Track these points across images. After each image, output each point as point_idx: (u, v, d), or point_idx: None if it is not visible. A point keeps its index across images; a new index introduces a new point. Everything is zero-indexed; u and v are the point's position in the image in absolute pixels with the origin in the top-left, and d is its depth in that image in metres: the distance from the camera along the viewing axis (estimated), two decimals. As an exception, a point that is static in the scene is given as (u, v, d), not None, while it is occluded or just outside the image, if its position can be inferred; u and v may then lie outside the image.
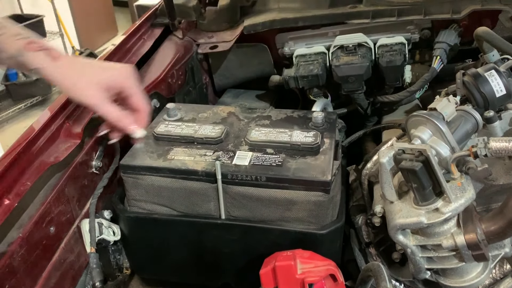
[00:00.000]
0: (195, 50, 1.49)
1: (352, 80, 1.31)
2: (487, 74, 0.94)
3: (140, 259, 1.12)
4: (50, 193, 0.94)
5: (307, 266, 0.82)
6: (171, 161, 0.99)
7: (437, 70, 1.26)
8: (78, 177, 1.02)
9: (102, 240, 1.03)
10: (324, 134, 1.05)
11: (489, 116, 0.90)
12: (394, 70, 1.28)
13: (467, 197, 0.84)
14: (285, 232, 0.96)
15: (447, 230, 0.86)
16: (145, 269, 1.14)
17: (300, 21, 1.40)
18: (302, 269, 0.81)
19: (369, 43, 1.32)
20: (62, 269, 0.97)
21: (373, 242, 1.06)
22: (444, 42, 1.28)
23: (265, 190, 0.95)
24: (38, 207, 0.91)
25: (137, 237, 1.07)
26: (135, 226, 1.05)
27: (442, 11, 1.29)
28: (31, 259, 0.88)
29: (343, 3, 1.41)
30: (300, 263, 0.82)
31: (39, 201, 0.91)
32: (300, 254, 0.84)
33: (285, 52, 1.45)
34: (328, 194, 0.93)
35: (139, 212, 1.04)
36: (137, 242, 1.08)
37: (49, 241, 0.94)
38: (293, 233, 0.96)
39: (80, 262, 1.04)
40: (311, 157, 0.98)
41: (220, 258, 1.04)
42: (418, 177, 0.83)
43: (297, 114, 1.15)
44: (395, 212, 0.90)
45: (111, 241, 1.04)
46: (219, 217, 1.00)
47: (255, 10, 1.54)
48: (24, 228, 0.86)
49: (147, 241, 1.06)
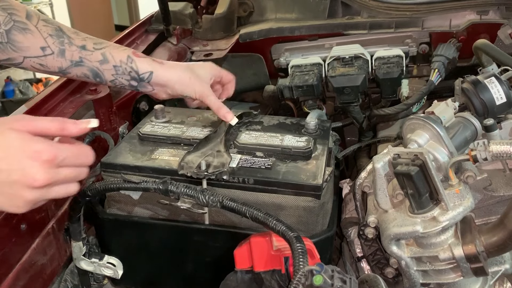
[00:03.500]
0: (189, 57, 1.46)
1: (348, 92, 1.28)
2: (487, 81, 0.91)
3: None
4: (23, 188, 0.88)
5: (283, 243, 0.78)
6: (155, 161, 0.94)
7: (435, 83, 1.23)
8: (56, 175, 0.97)
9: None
10: (317, 140, 1.01)
11: (488, 124, 0.86)
12: (391, 82, 1.26)
13: (466, 205, 0.79)
14: (272, 239, 0.90)
15: (444, 241, 0.81)
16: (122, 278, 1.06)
17: (296, 31, 1.38)
18: (278, 246, 0.79)
19: (366, 55, 1.30)
20: (32, 272, 0.91)
21: (365, 256, 1.00)
22: (442, 56, 1.26)
23: (252, 194, 0.90)
24: (9, 201, 0.85)
25: (115, 241, 1.01)
26: (114, 230, 0.99)
27: (440, 24, 1.27)
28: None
29: (341, 15, 1.40)
30: (276, 241, 0.79)
31: (11, 196, 0.86)
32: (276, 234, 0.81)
33: (281, 63, 1.43)
34: (318, 199, 0.88)
35: (118, 214, 0.98)
36: (115, 247, 1.01)
37: (19, 239, 0.87)
38: (280, 241, 0.90)
39: (53, 266, 0.97)
40: (302, 162, 0.94)
41: (202, 266, 0.98)
42: (414, 182, 0.79)
43: (290, 121, 1.11)
44: (389, 221, 0.86)
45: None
46: (202, 222, 0.95)
47: (252, 20, 1.53)
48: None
49: (126, 246, 1.00)
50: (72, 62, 0.91)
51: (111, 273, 0.99)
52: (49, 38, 0.89)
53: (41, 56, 0.89)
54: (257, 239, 0.81)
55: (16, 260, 0.87)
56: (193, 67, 1.00)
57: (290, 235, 0.74)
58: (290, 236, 0.74)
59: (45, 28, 0.88)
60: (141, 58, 0.95)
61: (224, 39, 1.50)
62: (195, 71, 0.99)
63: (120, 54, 0.93)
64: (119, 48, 0.94)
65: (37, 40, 0.88)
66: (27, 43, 0.88)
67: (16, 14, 0.87)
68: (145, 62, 0.95)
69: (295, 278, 0.66)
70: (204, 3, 1.66)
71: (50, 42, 0.89)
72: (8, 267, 0.85)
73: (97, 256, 0.98)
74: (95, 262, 0.98)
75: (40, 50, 0.89)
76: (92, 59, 0.91)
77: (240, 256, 0.82)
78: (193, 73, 0.98)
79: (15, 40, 0.87)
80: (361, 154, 1.35)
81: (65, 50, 0.90)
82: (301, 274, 0.66)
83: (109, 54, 0.92)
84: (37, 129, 0.61)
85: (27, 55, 0.89)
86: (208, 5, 1.67)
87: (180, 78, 0.97)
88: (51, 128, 0.62)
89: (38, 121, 0.61)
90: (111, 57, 0.92)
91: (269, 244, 0.80)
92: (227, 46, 1.44)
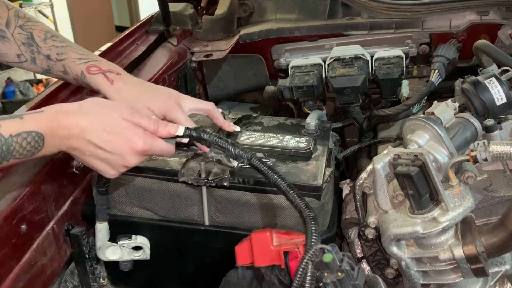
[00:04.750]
0: (189, 58, 1.46)
1: (348, 92, 1.28)
2: (487, 81, 0.91)
3: (116, 267, 1.05)
4: (24, 188, 0.88)
5: (283, 239, 0.81)
6: (155, 161, 0.94)
7: (435, 83, 1.23)
8: (56, 176, 0.97)
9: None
10: (317, 141, 1.01)
11: (489, 125, 0.86)
12: (391, 83, 1.26)
13: (466, 205, 0.79)
14: (272, 240, 0.90)
15: (444, 241, 0.81)
16: (121, 278, 1.07)
17: (296, 31, 1.38)
18: (278, 242, 0.80)
19: (366, 56, 1.30)
20: (32, 272, 0.91)
21: (366, 257, 1.00)
22: (442, 56, 1.26)
23: (252, 195, 0.90)
24: (9, 202, 0.85)
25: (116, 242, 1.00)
26: (113, 230, 0.99)
27: (440, 25, 1.27)
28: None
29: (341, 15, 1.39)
30: (276, 237, 0.81)
31: (11, 196, 0.86)
32: (276, 230, 0.84)
33: (281, 64, 1.43)
34: (318, 200, 0.88)
35: (117, 215, 0.98)
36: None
37: (19, 240, 0.87)
38: (280, 242, 0.90)
39: (53, 267, 0.97)
40: (302, 162, 0.94)
41: (202, 267, 0.98)
42: (414, 182, 0.78)
43: (290, 122, 1.11)
44: (389, 221, 0.85)
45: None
46: (202, 223, 0.95)
47: (252, 21, 1.53)
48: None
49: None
50: (43, 69, 0.94)
51: (141, 255, 0.97)
52: (22, 46, 0.91)
53: (18, 63, 0.93)
54: (258, 235, 0.82)
55: (16, 261, 0.87)
56: (145, 96, 0.89)
57: (307, 213, 0.73)
58: (307, 215, 0.73)
59: (19, 36, 0.91)
60: (92, 76, 0.90)
61: (224, 40, 1.50)
62: (143, 100, 0.88)
63: (76, 69, 0.91)
64: (75, 61, 0.91)
65: (12, 47, 0.91)
66: (5, 50, 0.91)
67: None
68: (97, 79, 0.90)
69: (306, 254, 0.67)
70: (204, 4, 1.66)
71: (23, 50, 0.92)
72: (8, 268, 0.85)
73: (125, 237, 0.96)
74: (124, 244, 0.96)
75: (16, 57, 0.92)
76: (57, 69, 0.92)
77: (241, 252, 0.83)
78: (139, 102, 0.88)
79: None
80: (361, 155, 1.34)
81: (35, 58, 0.92)
82: (313, 251, 0.66)
83: (67, 67, 0.91)
84: (140, 124, 0.75)
85: (8, 60, 0.93)
86: (208, 6, 1.67)
87: (131, 99, 0.88)
88: (149, 127, 0.76)
89: (141, 119, 0.76)
90: (69, 70, 0.91)
91: (270, 239, 0.81)
92: (227, 47, 1.44)
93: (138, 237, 0.96)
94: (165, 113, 0.88)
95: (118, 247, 0.96)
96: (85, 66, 0.90)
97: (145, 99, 0.89)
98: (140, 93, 0.90)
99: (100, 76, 0.90)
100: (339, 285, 0.63)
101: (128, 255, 0.96)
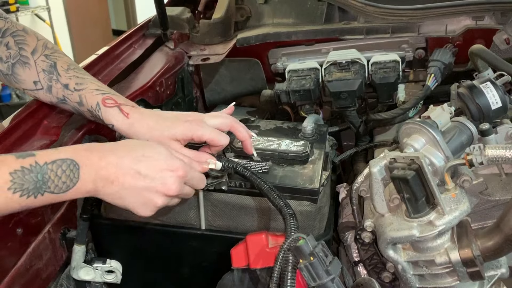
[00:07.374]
0: (186, 62, 1.46)
1: (345, 96, 1.28)
2: (483, 86, 0.92)
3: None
4: (19, 192, 0.87)
5: (278, 241, 0.81)
6: (152, 165, 0.94)
7: (431, 88, 1.24)
8: (52, 179, 0.96)
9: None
10: (313, 144, 1.01)
11: (484, 129, 0.86)
12: (387, 87, 1.26)
13: (462, 209, 0.80)
14: (269, 244, 0.90)
15: (440, 245, 0.81)
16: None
17: (293, 36, 1.38)
18: (274, 244, 0.81)
19: (363, 60, 1.30)
20: (28, 277, 0.90)
21: (362, 260, 1.00)
22: (438, 61, 1.26)
23: (248, 198, 0.90)
24: (5, 205, 0.84)
25: (111, 246, 1.00)
26: (110, 234, 0.99)
27: (436, 30, 1.28)
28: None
29: (338, 20, 1.40)
30: (271, 239, 0.82)
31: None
32: (271, 233, 0.85)
33: (278, 68, 1.43)
34: (315, 204, 0.88)
35: (115, 218, 0.98)
36: (112, 251, 1.01)
37: (14, 243, 0.87)
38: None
39: (49, 271, 0.96)
40: (299, 166, 0.94)
41: (198, 271, 0.98)
42: (411, 186, 0.79)
43: (287, 125, 1.11)
44: (386, 225, 0.86)
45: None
46: (199, 227, 0.95)
47: (249, 25, 1.53)
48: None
49: (121, 252, 1.00)
50: (58, 99, 0.92)
51: (113, 279, 0.96)
52: (41, 73, 0.90)
53: (34, 90, 0.92)
54: (253, 237, 0.83)
55: (11, 265, 0.87)
56: (163, 125, 0.86)
57: (286, 211, 0.78)
58: (286, 212, 0.78)
59: (41, 63, 0.90)
60: (107, 108, 0.87)
61: (221, 44, 1.50)
62: (160, 130, 0.86)
63: (92, 99, 0.88)
64: (93, 91, 0.89)
65: (32, 74, 0.90)
66: (24, 76, 0.91)
67: (24, 49, 0.90)
68: (111, 113, 0.87)
69: (285, 243, 0.74)
70: (202, 8, 1.66)
71: (41, 77, 0.90)
72: (4, 271, 0.85)
73: (100, 260, 0.95)
74: (98, 267, 0.95)
75: (33, 84, 0.91)
76: (72, 100, 0.90)
77: (237, 255, 0.83)
78: (156, 132, 0.85)
79: (17, 73, 0.90)
80: (358, 159, 1.35)
81: (52, 86, 0.91)
82: (291, 239, 0.73)
83: (84, 97, 0.89)
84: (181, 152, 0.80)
85: (25, 87, 0.92)
86: (205, 10, 1.67)
87: (146, 136, 0.86)
88: (189, 155, 0.82)
89: (183, 149, 0.82)
90: (85, 101, 0.89)
91: (265, 242, 0.82)
92: (224, 51, 1.44)
93: (112, 261, 0.95)
94: (191, 135, 0.85)
95: (92, 269, 0.95)
96: (102, 97, 0.88)
97: (163, 128, 0.85)
98: (158, 123, 0.86)
99: (115, 110, 0.87)
100: (311, 268, 0.68)
101: (101, 277, 0.95)
